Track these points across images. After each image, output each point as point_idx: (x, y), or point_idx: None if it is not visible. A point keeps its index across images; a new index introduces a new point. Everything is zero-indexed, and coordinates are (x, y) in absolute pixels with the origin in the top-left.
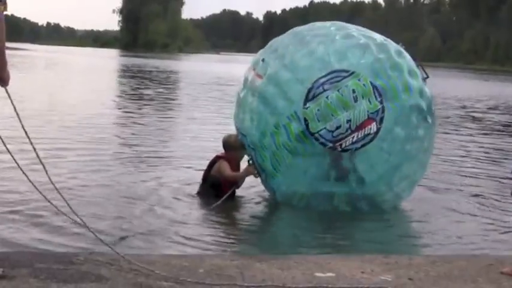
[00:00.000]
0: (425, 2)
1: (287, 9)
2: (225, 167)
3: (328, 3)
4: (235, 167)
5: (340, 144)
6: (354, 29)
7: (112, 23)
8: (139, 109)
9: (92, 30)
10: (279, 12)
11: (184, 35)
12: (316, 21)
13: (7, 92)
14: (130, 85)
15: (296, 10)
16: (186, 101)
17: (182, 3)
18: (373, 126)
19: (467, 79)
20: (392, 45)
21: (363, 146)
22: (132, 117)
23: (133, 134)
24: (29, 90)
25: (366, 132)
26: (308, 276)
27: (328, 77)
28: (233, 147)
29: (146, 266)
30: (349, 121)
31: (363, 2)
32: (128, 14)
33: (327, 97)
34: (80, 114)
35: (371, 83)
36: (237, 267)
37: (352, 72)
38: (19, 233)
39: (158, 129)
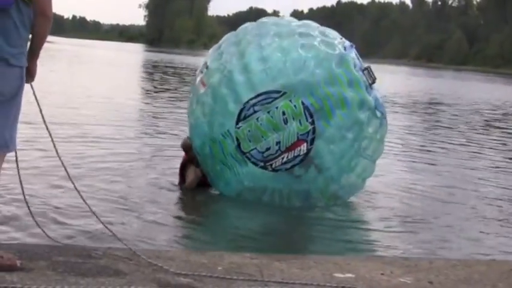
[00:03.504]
0: (453, 4)
1: (314, 8)
2: (188, 175)
3: (356, 3)
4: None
5: (271, 165)
6: (317, 33)
7: (138, 17)
8: (165, 103)
9: (118, 25)
10: (306, 11)
11: (210, 31)
12: (343, 22)
13: (31, 86)
14: (159, 79)
15: (323, 9)
16: None
17: (209, 0)
18: (303, 147)
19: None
20: (336, 53)
21: (292, 166)
22: (156, 111)
23: (153, 128)
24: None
25: (295, 154)
26: (327, 277)
27: (259, 98)
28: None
29: (164, 262)
30: (278, 143)
31: (391, 3)
32: (154, 9)
33: (257, 119)
34: (101, 107)
35: (302, 104)
36: (256, 265)
37: (284, 93)
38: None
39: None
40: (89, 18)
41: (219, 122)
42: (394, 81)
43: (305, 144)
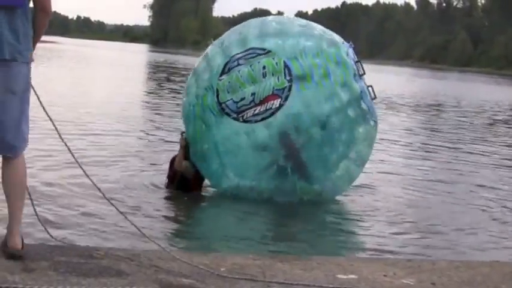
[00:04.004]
0: (457, 6)
1: (319, 9)
2: (177, 160)
3: (360, 4)
4: None
5: (242, 116)
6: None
7: (142, 18)
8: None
9: (122, 25)
10: (310, 12)
11: (215, 32)
12: (347, 23)
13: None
14: (160, 79)
15: (328, 10)
16: None
17: (213, 1)
18: (276, 102)
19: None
20: (330, 38)
21: (263, 119)
22: (156, 110)
23: (151, 125)
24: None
25: (267, 107)
26: (330, 278)
27: (245, 53)
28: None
29: (166, 263)
30: (253, 94)
31: (396, 4)
32: (158, 9)
33: (238, 71)
34: (101, 106)
35: (284, 63)
36: (259, 266)
37: (269, 51)
38: (40, 225)
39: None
40: (93, 18)
41: (205, 78)
42: (398, 82)
43: (279, 99)
